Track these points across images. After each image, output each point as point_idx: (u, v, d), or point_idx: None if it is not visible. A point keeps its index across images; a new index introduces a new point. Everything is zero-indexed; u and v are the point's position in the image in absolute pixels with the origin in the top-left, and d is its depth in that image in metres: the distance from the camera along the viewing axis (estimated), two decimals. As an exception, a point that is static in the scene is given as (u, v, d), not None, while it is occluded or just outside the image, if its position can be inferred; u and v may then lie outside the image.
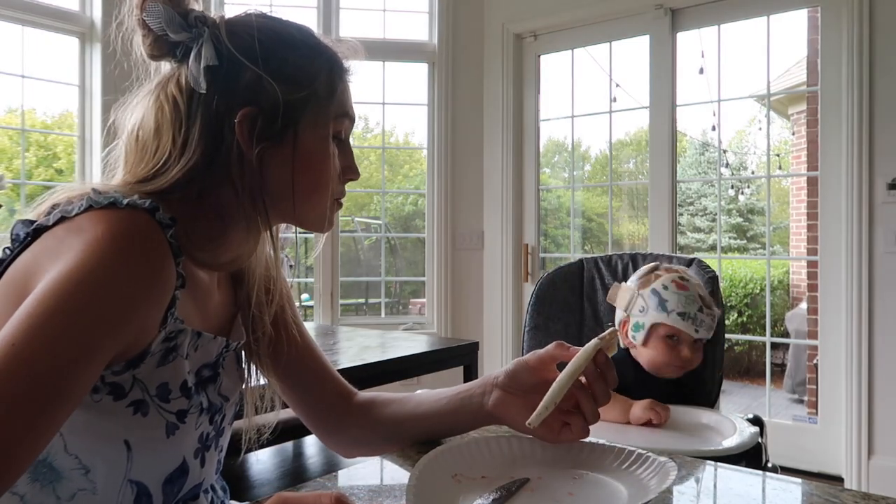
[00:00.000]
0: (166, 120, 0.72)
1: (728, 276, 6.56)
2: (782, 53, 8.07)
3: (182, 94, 0.72)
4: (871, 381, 2.77)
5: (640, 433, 1.32)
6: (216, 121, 0.72)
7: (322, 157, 0.77)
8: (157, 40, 0.73)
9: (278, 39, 0.75)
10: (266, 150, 0.73)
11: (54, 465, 0.66)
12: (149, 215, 0.65)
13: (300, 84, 0.75)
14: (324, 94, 0.77)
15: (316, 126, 0.76)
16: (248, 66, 0.72)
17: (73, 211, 0.65)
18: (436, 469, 0.78)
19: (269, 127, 0.73)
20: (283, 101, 0.73)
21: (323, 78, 0.77)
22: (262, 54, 0.73)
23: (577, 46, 3.67)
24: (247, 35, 0.73)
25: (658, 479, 0.74)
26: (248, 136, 0.72)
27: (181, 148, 0.71)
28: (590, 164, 11.20)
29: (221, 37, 0.72)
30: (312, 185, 0.77)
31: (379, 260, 4.22)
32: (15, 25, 3.15)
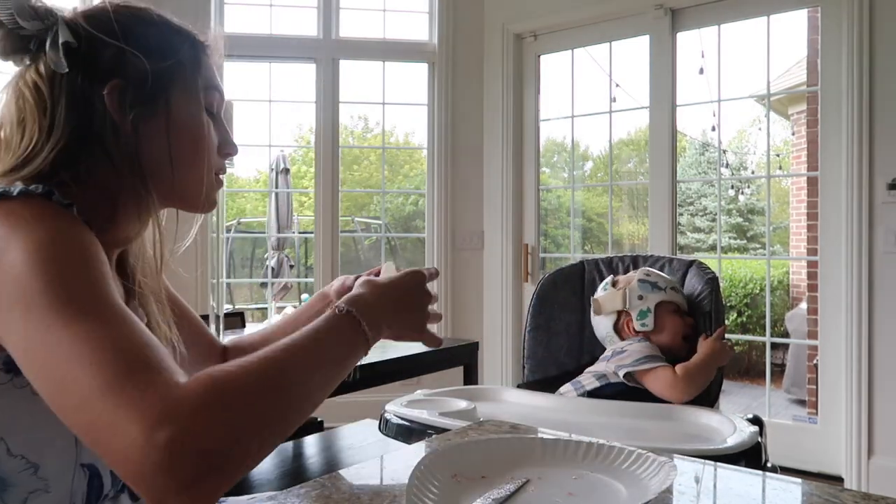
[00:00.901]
0: (29, 106, 0.71)
1: (728, 276, 6.56)
2: (782, 53, 8.07)
3: (43, 79, 0.72)
4: (871, 381, 2.77)
5: (641, 433, 1.33)
6: (83, 98, 0.72)
7: (197, 126, 0.78)
8: (9, 35, 0.72)
9: (135, 17, 0.76)
10: (140, 120, 0.74)
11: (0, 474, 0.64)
12: (46, 199, 0.64)
13: (164, 55, 0.76)
14: (189, 65, 0.78)
15: (187, 96, 0.77)
16: (108, 43, 0.72)
17: None
18: (436, 469, 0.78)
19: (140, 96, 0.74)
20: (150, 69, 0.73)
21: (186, 50, 0.78)
22: (122, 31, 0.73)
23: (577, 46, 3.67)
24: (103, 15, 0.74)
25: (658, 479, 0.75)
26: (119, 106, 0.73)
27: (48, 130, 0.71)
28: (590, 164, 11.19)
29: (77, 20, 0.73)
30: (191, 154, 0.78)
31: (379, 260, 4.22)
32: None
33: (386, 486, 0.86)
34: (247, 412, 0.54)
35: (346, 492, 0.81)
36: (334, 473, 0.93)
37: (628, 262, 1.92)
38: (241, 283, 7.19)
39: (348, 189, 9.57)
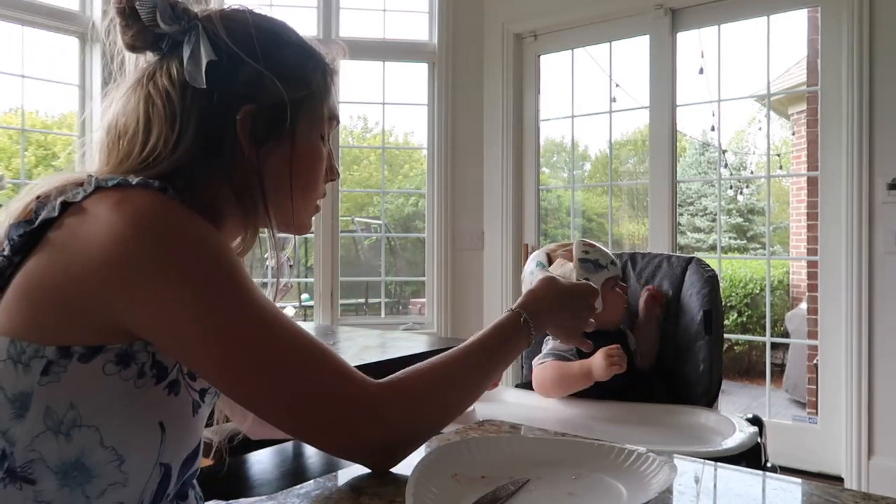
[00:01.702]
0: (157, 113, 0.70)
1: (728, 276, 6.56)
2: (782, 53, 8.07)
3: (175, 88, 0.70)
4: (871, 381, 2.77)
5: (641, 433, 1.32)
6: (215, 116, 0.71)
7: (318, 157, 0.79)
8: (143, 31, 0.71)
9: (276, 37, 0.75)
10: (266, 149, 0.73)
11: (87, 464, 0.64)
12: (161, 193, 0.65)
13: (299, 83, 0.75)
14: (319, 94, 0.77)
15: (311, 126, 0.77)
16: (247, 63, 0.71)
17: (80, 196, 0.64)
18: (436, 469, 0.78)
19: (270, 125, 0.73)
20: (287, 99, 0.72)
21: (318, 78, 0.77)
22: (261, 50, 0.71)
23: (577, 46, 3.67)
24: (244, 31, 0.72)
25: (658, 479, 0.75)
26: (250, 134, 0.72)
27: (175, 142, 0.69)
28: (589, 164, 11.19)
29: (219, 31, 0.71)
30: (307, 184, 0.79)
31: (379, 260, 4.22)
32: (15, 25, 3.15)
33: (386, 487, 0.86)
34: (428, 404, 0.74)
35: (346, 492, 0.81)
36: (334, 473, 0.93)
37: (626, 258, 1.92)
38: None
39: (348, 189, 9.57)
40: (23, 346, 0.62)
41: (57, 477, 0.63)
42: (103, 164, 0.72)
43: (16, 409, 0.62)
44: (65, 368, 0.62)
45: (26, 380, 0.62)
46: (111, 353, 0.64)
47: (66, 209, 0.64)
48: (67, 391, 0.62)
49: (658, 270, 1.84)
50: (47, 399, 0.62)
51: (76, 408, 0.63)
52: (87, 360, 0.63)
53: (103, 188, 0.64)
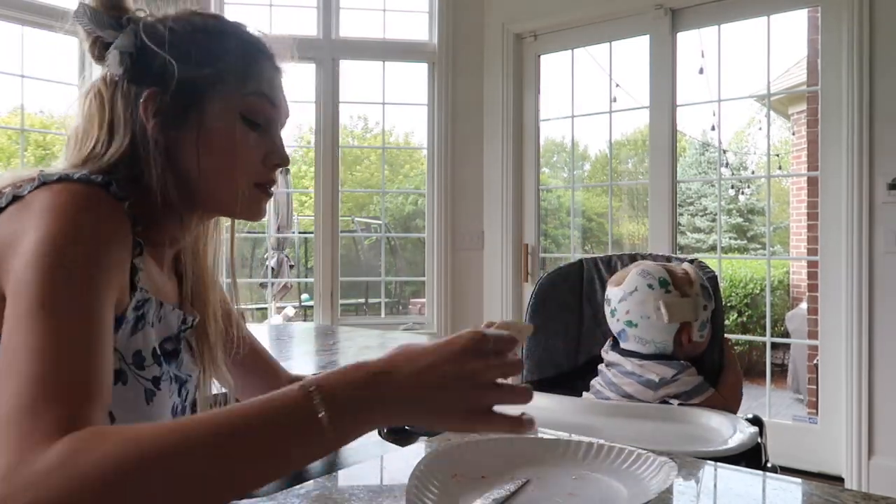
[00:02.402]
0: (93, 111, 0.76)
1: (728, 276, 6.55)
2: (782, 53, 8.08)
3: (106, 86, 0.76)
4: (871, 381, 2.77)
5: (641, 433, 1.32)
6: (132, 106, 0.75)
7: (228, 137, 0.77)
8: (95, 43, 0.76)
9: (189, 26, 0.77)
10: (170, 129, 0.75)
11: None
12: (101, 188, 0.67)
13: (202, 63, 0.76)
14: (233, 74, 0.77)
15: (223, 107, 0.77)
16: (157, 52, 0.74)
17: (26, 190, 0.67)
18: (436, 469, 0.78)
19: (172, 107, 0.75)
20: (183, 78, 0.74)
21: (232, 58, 0.78)
22: (170, 39, 0.75)
23: (577, 46, 3.67)
24: (161, 25, 0.76)
25: (658, 479, 0.75)
26: (152, 116, 0.74)
27: (108, 135, 0.75)
28: (589, 164, 11.19)
29: (139, 29, 0.75)
30: (220, 166, 0.77)
31: (379, 260, 4.22)
32: (15, 25, 3.15)
33: (386, 486, 0.86)
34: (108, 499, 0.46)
35: (346, 492, 0.82)
36: (334, 473, 0.93)
37: (627, 260, 1.92)
38: (240, 283, 7.19)
39: (348, 189, 9.57)
40: None
41: None
42: (63, 160, 0.77)
43: None
44: None
45: None
46: None
47: (14, 201, 0.67)
48: None
49: (658, 270, 1.84)
50: None
51: None
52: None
53: (47, 182, 0.66)
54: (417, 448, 0.98)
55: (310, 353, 2.23)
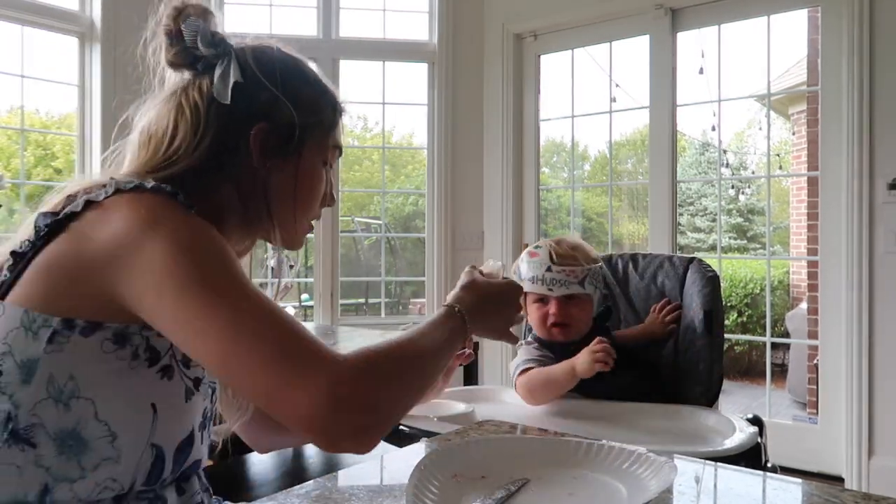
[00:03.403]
0: (185, 121, 0.80)
1: (728, 276, 6.55)
2: (782, 53, 8.07)
3: (203, 101, 0.80)
4: (871, 381, 2.77)
5: (641, 433, 1.32)
6: (232, 129, 0.80)
7: (319, 178, 0.88)
8: (184, 51, 0.81)
9: (296, 71, 0.86)
10: (273, 164, 0.82)
11: (83, 434, 0.70)
12: (172, 197, 0.73)
13: (310, 112, 0.85)
14: (327, 125, 0.88)
15: (317, 151, 0.87)
16: (267, 88, 0.81)
17: (101, 196, 0.72)
18: (436, 469, 0.78)
19: (280, 143, 0.82)
20: (297, 123, 0.82)
21: (328, 111, 0.88)
22: (281, 80, 0.82)
23: (577, 46, 3.67)
24: (269, 61, 0.83)
25: (658, 479, 0.75)
26: (261, 147, 0.81)
27: (194, 147, 0.79)
28: (589, 164, 11.19)
29: (248, 59, 0.82)
30: (307, 202, 0.87)
31: (379, 260, 4.22)
32: (15, 25, 3.15)
33: (386, 486, 0.86)
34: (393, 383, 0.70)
35: (346, 492, 0.82)
36: (334, 473, 0.93)
37: (627, 258, 1.92)
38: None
39: (349, 189, 9.57)
40: (34, 315, 0.69)
41: (55, 443, 0.69)
42: (132, 161, 0.82)
43: (23, 375, 0.69)
44: (67, 340, 0.69)
45: (34, 347, 0.69)
46: (109, 331, 0.70)
47: (88, 206, 0.72)
48: (69, 362, 0.69)
49: (659, 271, 1.84)
50: (51, 367, 0.69)
51: (75, 379, 0.69)
52: (87, 334, 0.69)
53: (122, 190, 0.72)
54: (417, 448, 0.98)
55: (310, 353, 2.23)
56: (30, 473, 0.69)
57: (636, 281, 1.86)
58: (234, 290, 0.67)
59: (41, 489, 0.69)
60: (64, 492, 0.69)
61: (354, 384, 0.65)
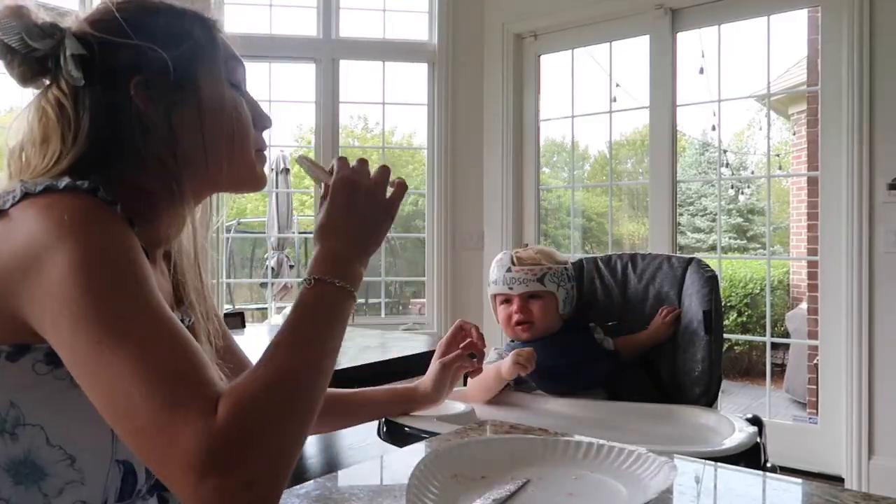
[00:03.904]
0: (52, 123, 0.71)
1: (728, 276, 6.55)
2: (782, 53, 8.06)
3: (66, 95, 0.72)
4: (871, 381, 2.77)
5: (641, 433, 1.32)
6: (108, 103, 0.72)
7: (229, 103, 0.78)
8: (24, 59, 0.71)
9: (139, 9, 0.75)
10: (171, 111, 0.73)
11: (37, 462, 0.65)
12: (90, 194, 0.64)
13: (178, 40, 0.75)
14: (206, 43, 0.77)
15: (212, 76, 0.77)
16: (121, 43, 0.71)
17: (8, 203, 0.64)
18: (436, 469, 0.78)
19: (167, 87, 0.73)
20: (169, 57, 0.72)
21: (198, 30, 0.77)
22: (131, 27, 0.72)
23: (577, 46, 3.67)
24: (108, 16, 0.73)
25: (658, 479, 0.75)
26: (149, 101, 0.72)
27: (72, 142, 0.70)
28: (589, 164, 11.19)
29: (85, 29, 0.72)
30: (224, 131, 0.77)
31: (379, 260, 4.22)
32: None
33: (386, 486, 0.86)
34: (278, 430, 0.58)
35: (346, 492, 0.82)
36: (334, 473, 0.93)
37: (626, 259, 1.92)
38: (241, 283, 7.20)
39: (348, 189, 9.58)
40: None
41: (9, 475, 0.64)
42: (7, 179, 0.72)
43: None
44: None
45: None
46: (39, 353, 0.64)
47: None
48: (4, 390, 0.64)
49: (658, 271, 1.84)
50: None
51: (17, 406, 0.64)
52: (14, 358, 0.64)
53: (31, 193, 0.64)
54: (417, 448, 0.98)
55: (310, 353, 2.23)
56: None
57: (635, 282, 1.86)
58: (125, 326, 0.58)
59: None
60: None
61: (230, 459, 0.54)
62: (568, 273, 1.71)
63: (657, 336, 1.73)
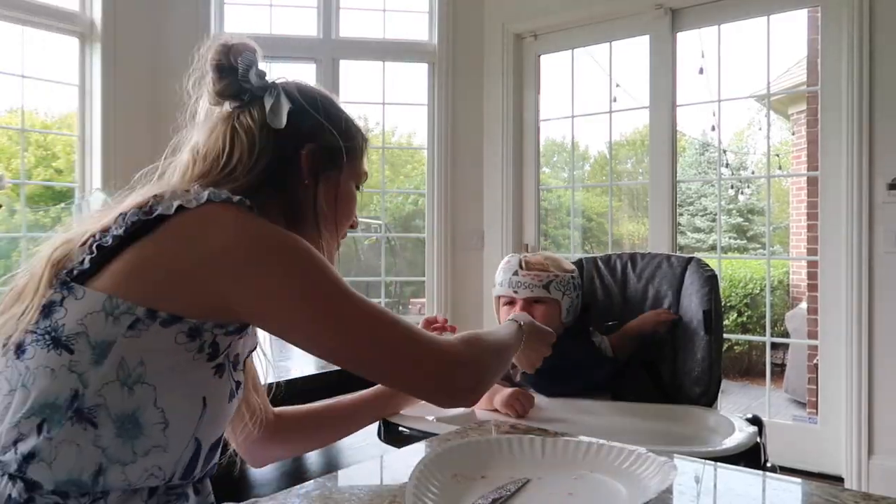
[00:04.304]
0: (240, 142, 0.87)
1: (728, 276, 6.55)
2: (782, 53, 8.06)
3: (255, 126, 0.88)
4: (871, 381, 2.77)
5: (640, 433, 1.32)
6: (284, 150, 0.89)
7: (352, 197, 0.99)
8: (233, 83, 0.89)
9: (332, 101, 0.97)
10: (321, 179, 0.92)
11: (140, 420, 0.74)
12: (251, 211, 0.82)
13: (347, 136, 0.95)
14: (359, 150, 0.99)
15: (352, 172, 0.97)
16: (311, 115, 0.91)
17: (194, 203, 0.79)
18: (436, 469, 0.78)
19: (325, 162, 0.92)
20: (341, 144, 0.92)
21: (360, 139, 0.99)
22: (323, 107, 0.93)
23: (577, 46, 3.67)
24: (310, 92, 0.95)
25: (658, 479, 0.75)
26: (310, 166, 0.91)
27: (252, 165, 0.87)
28: (589, 164, 11.19)
29: (292, 91, 0.91)
30: (343, 217, 0.97)
31: (379, 260, 4.22)
32: (15, 25, 3.15)
33: (386, 486, 0.86)
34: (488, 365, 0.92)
35: (346, 492, 0.82)
36: (334, 473, 0.93)
37: (626, 259, 1.92)
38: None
39: (348, 189, 9.58)
40: (118, 302, 0.74)
41: (115, 425, 0.73)
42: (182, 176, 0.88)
43: (95, 356, 0.73)
44: (147, 328, 0.74)
45: (113, 330, 0.73)
46: (186, 325, 0.75)
47: (180, 210, 0.78)
48: (143, 348, 0.74)
49: (658, 271, 1.84)
50: (125, 351, 0.73)
51: (144, 364, 0.74)
52: (167, 325, 0.74)
53: (213, 201, 0.79)
54: (417, 448, 0.98)
55: (310, 353, 2.23)
56: (88, 453, 0.72)
57: (634, 281, 1.87)
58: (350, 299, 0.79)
59: (96, 469, 0.72)
60: (116, 474, 0.73)
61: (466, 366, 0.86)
62: (574, 282, 1.71)
63: (642, 326, 1.71)
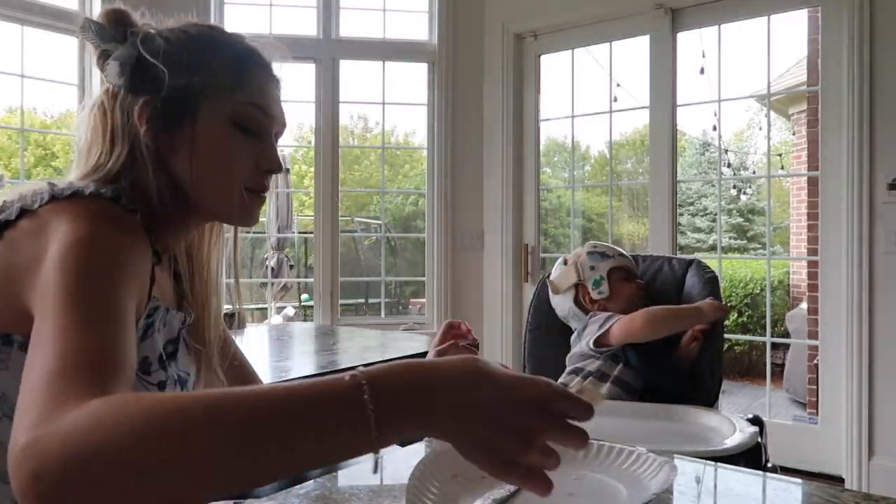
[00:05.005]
0: (97, 123, 0.77)
1: (728, 276, 6.55)
2: (782, 53, 8.06)
3: (109, 98, 0.77)
4: (871, 381, 2.77)
5: (641, 433, 1.32)
6: (130, 115, 0.76)
7: (219, 142, 0.78)
8: (101, 56, 0.77)
9: (183, 35, 0.79)
10: (165, 137, 0.76)
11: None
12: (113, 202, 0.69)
13: (193, 71, 0.77)
14: (225, 81, 0.78)
15: (213, 113, 0.78)
16: (152, 64, 0.74)
17: (36, 203, 0.68)
18: (436, 469, 0.78)
19: (164, 113, 0.76)
20: (174, 85, 0.75)
21: (222, 67, 0.78)
22: (165, 49, 0.76)
23: (578, 46, 3.67)
24: (157, 38, 0.77)
25: (658, 479, 0.75)
26: (145, 122, 0.76)
27: (111, 145, 0.76)
28: (589, 164, 11.19)
29: (136, 41, 0.75)
30: (212, 170, 0.78)
31: (379, 260, 4.22)
32: (14, 25, 3.15)
33: (386, 486, 0.86)
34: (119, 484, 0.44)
35: (346, 492, 0.82)
36: (334, 473, 0.93)
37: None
38: (241, 283, 7.20)
39: (348, 189, 9.58)
40: None
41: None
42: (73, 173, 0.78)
43: None
44: (8, 356, 0.66)
45: None
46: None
47: (23, 215, 0.68)
48: (14, 378, 0.60)
49: (659, 273, 1.85)
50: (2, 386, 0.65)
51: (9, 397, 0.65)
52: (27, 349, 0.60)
53: (57, 197, 0.68)
54: (417, 448, 0.98)
55: (309, 353, 2.23)
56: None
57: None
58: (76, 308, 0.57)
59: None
60: None
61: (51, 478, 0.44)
62: None
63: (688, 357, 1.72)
